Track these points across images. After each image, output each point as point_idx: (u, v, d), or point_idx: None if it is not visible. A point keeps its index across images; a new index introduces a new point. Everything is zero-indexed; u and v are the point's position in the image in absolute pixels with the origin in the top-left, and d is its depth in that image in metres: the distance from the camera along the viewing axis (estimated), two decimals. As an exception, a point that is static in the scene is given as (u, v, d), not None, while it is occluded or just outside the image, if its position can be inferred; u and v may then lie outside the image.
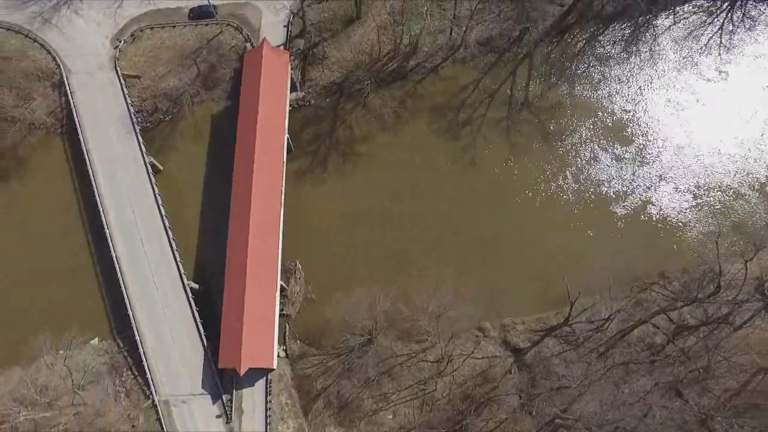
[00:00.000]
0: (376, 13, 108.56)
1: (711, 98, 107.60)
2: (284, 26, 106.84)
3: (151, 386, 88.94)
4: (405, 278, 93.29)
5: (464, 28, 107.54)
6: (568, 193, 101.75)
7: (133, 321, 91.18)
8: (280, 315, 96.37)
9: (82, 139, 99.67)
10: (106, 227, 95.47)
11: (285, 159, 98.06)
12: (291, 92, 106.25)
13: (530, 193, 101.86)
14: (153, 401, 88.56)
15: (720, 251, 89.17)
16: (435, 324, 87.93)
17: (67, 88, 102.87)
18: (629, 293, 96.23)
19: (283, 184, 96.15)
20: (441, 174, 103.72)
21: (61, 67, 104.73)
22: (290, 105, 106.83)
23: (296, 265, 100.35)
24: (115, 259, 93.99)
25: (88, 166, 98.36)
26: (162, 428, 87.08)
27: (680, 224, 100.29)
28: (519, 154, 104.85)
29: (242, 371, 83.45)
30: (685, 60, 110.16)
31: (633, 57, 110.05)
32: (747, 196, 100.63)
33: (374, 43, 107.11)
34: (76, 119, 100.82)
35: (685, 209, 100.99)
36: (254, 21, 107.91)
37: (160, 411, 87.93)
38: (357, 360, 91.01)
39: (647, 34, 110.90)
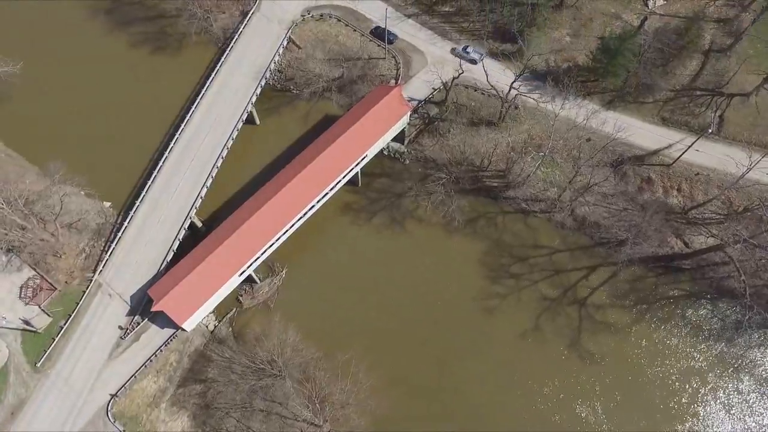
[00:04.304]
0: (513, 131, 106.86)
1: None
2: (432, 88, 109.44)
3: (101, 265, 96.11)
4: (342, 352, 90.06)
5: (576, 199, 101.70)
6: (540, 402, 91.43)
7: (132, 210, 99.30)
8: (236, 299, 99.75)
9: (222, 60, 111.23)
10: (180, 129, 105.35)
11: (339, 185, 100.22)
12: (395, 141, 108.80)
13: (513, 376, 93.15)
14: (93, 276, 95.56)
15: None
16: (323, 406, 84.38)
17: (247, 19, 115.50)
18: None
19: (319, 201, 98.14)
20: (455, 297, 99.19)
21: (258, 2, 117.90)
22: (387, 151, 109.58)
23: (282, 271, 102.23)
24: (164, 157, 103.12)
25: (209, 81, 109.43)
26: (79, 300, 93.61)
27: None
28: (534, 337, 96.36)
29: (153, 308, 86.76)
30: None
31: (717, 343, 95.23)
32: None
33: (493, 155, 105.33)
34: (231, 43, 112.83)
35: None
36: (414, 68, 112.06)
37: (89, 287, 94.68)
38: (250, 382, 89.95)
39: (751, 333, 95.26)
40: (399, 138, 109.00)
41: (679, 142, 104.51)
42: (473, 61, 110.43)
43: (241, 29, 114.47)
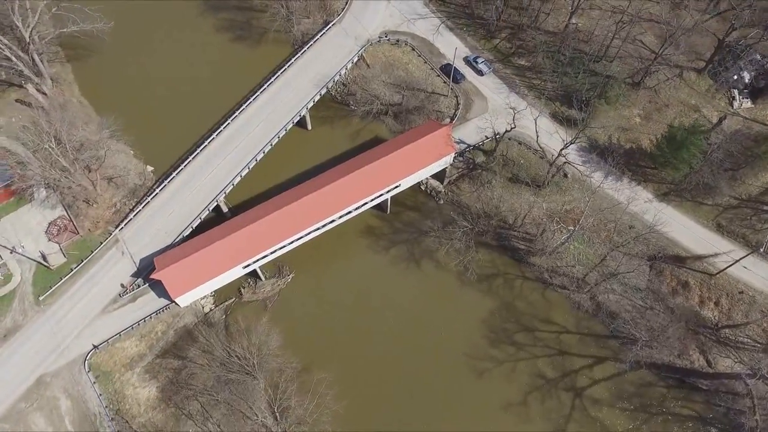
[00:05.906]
0: (554, 199, 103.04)
1: None
2: (485, 136, 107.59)
3: (124, 223, 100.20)
4: (320, 371, 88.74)
5: (600, 284, 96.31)
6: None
7: (168, 177, 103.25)
8: (237, 290, 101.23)
9: (292, 61, 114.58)
10: (234, 115, 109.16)
11: (365, 206, 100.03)
12: (435, 179, 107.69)
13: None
14: (114, 231, 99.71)
15: None
16: (283, 416, 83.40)
17: (327, 28, 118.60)
18: None
19: (341, 217, 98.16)
20: (449, 347, 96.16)
21: (342, 15, 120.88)
22: (425, 187, 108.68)
23: (289, 275, 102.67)
24: (210, 138, 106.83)
25: (274, 77, 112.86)
26: (95, 248, 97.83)
27: None
28: (518, 412, 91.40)
29: (152, 275, 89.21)
30: None
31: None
32: None
33: (527, 216, 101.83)
34: (305, 48, 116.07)
35: None
36: (473, 112, 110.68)
37: (107, 240, 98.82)
38: (219, 372, 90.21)
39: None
40: (439, 176, 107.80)
41: (728, 252, 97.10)
42: (480, 72, 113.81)
43: (318, 36, 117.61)
